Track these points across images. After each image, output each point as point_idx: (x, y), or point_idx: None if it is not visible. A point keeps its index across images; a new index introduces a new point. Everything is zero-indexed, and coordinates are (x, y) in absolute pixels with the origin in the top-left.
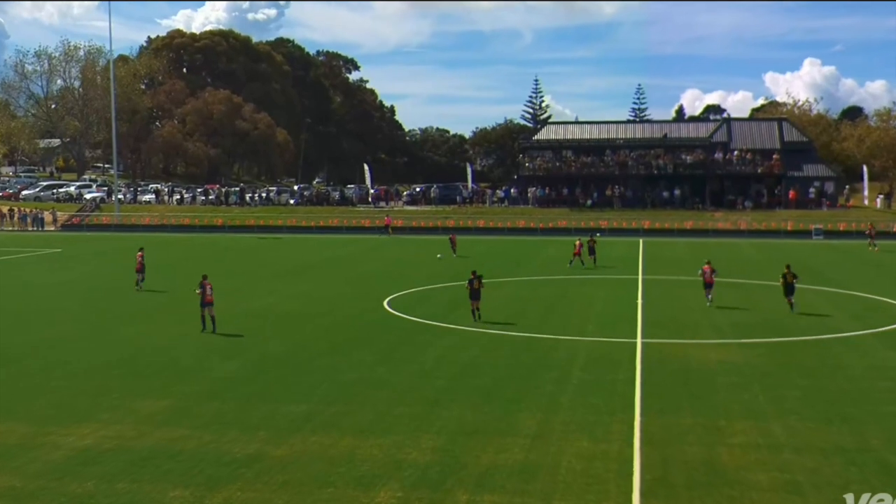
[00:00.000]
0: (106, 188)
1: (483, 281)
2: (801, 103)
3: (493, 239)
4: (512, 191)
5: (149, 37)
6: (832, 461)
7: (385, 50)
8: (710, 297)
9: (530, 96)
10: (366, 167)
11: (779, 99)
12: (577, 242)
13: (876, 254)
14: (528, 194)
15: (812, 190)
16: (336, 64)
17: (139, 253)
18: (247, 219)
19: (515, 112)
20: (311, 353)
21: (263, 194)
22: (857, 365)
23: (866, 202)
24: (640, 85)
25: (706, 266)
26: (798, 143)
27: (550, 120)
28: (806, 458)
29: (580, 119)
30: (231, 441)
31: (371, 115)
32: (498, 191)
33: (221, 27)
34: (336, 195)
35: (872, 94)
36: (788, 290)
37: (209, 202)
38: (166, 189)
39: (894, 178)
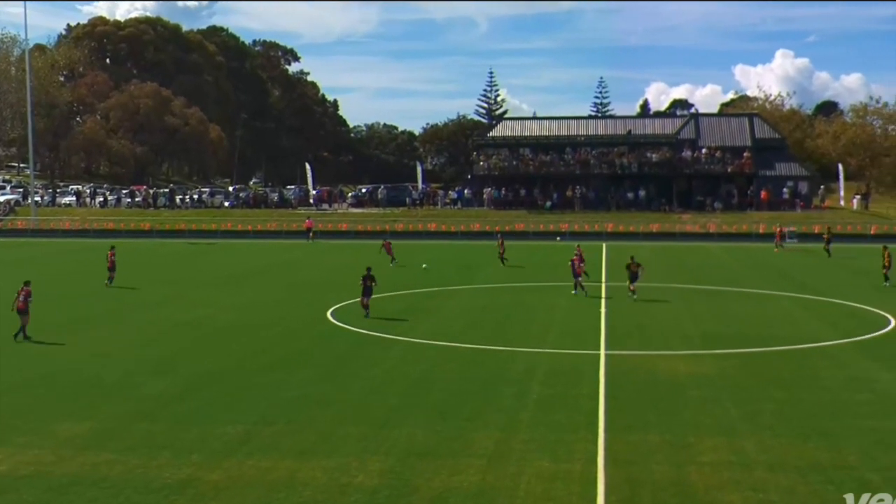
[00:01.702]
0: (21, 190)
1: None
2: (773, 98)
3: (446, 244)
4: (465, 192)
5: (68, 24)
6: (808, 479)
7: (328, 40)
8: (577, 290)
9: (485, 90)
10: (307, 166)
11: (749, 93)
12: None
13: (777, 254)
14: (483, 195)
15: (785, 190)
16: (274, 55)
17: (110, 251)
18: (177, 223)
19: (469, 107)
20: (249, 369)
21: (195, 196)
22: (835, 376)
23: (842, 203)
24: (602, 78)
25: (576, 255)
26: (770, 140)
27: (507, 115)
28: (780, 477)
29: (538, 114)
30: (161, 465)
31: (313, 110)
32: (450, 192)
33: (148, 14)
34: (275, 197)
35: (848, 87)
36: (632, 278)
37: (136, 205)
38: (88, 190)
39: (871, 178)
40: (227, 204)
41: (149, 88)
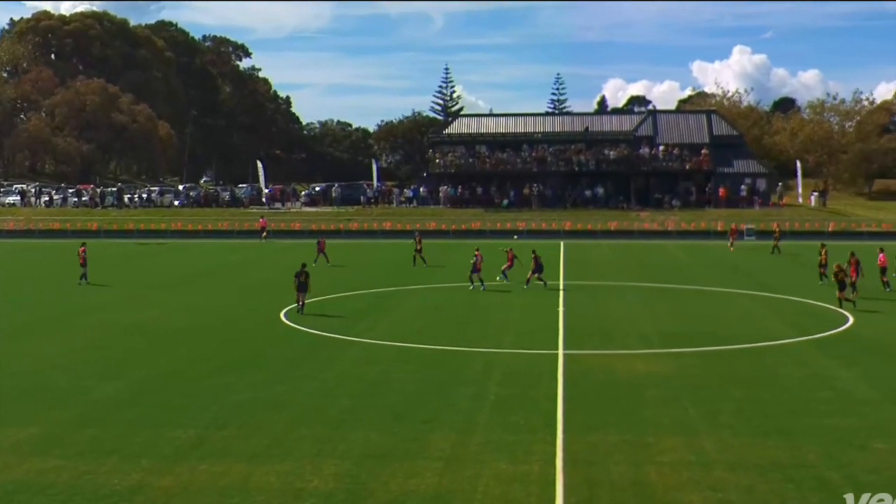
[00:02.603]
0: None
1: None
2: (730, 94)
3: (401, 242)
4: (421, 190)
5: (11, 19)
6: (768, 478)
7: (280, 35)
8: (475, 285)
9: (440, 86)
10: (259, 164)
11: (707, 90)
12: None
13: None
14: (439, 193)
15: (743, 187)
16: (225, 50)
17: (81, 248)
18: (125, 222)
19: (424, 104)
20: (200, 372)
21: (144, 195)
22: (794, 375)
23: (800, 200)
24: (559, 74)
25: (477, 252)
26: (728, 136)
27: (463, 112)
28: (740, 476)
29: (495, 111)
30: (109, 471)
31: (264, 106)
32: (406, 190)
33: (94, 8)
34: (226, 196)
35: (805, 84)
36: (539, 268)
37: (82, 204)
38: (33, 190)
39: (829, 175)
40: (176, 203)
41: (95, 85)
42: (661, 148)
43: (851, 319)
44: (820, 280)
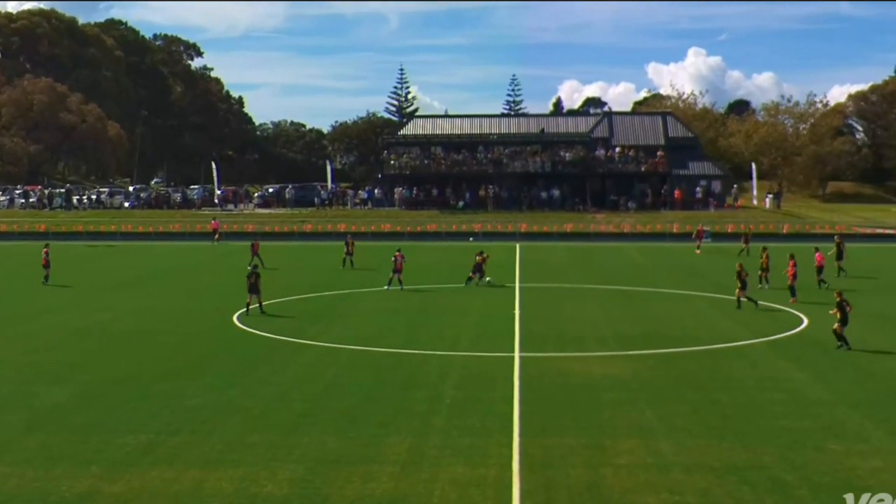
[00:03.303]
0: None
1: (260, 277)
2: (685, 96)
3: (356, 244)
4: (376, 191)
5: None
6: (724, 480)
7: (233, 34)
8: (390, 285)
9: (395, 87)
10: (212, 165)
11: (663, 91)
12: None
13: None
14: (394, 195)
15: (699, 189)
16: (176, 49)
17: (45, 249)
18: (74, 224)
19: (379, 104)
20: (151, 377)
21: (93, 196)
22: (749, 376)
23: (755, 202)
24: (514, 76)
25: (397, 253)
26: (683, 138)
27: (417, 113)
28: (697, 478)
29: (450, 112)
30: (58, 478)
31: (217, 107)
32: (360, 191)
33: (42, 6)
34: (177, 197)
35: (760, 86)
36: (477, 269)
37: (30, 206)
38: None
39: (783, 177)
40: (127, 204)
41: (43, 84)
42: (617, 150)
43: (805, 321)
44: (759, 283)
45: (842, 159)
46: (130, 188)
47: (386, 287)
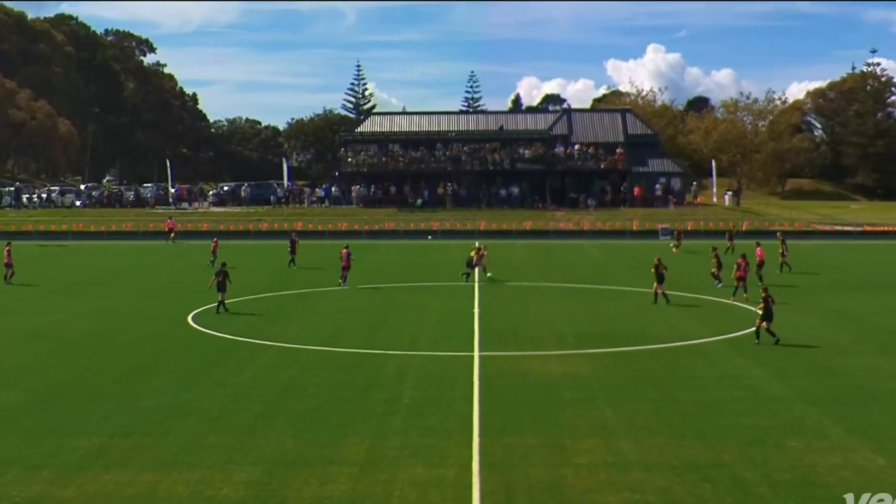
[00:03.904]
0: None
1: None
2: (645, 93)
3: (314, 243)
4: (333, 189)
5: None
6: (684, 479)
7: (187, 30)
8: (343, 282)
9: (352, 83)
10: (167, 163)
11: (622, 88)
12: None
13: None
14: (352, 193)
15: (658, 187)
16: (128, 45)
17: (7, 248)
18: (24, 223)
19: (336, 101)
20: (104, 379)
21: (44, 195)
22: (708, 374)
23: (715, 199)
24: (473, 72)
25: (344, 251)
26: (643, 136)
27: (375, 110)
28: (657, 477)
29: (408, 109)
30: (9, 483)
31: (170, 103)
32: (317, 189)
33: None
34: (130, 195)
35: (719, 83)
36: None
37: None
38: None
39: (742, 174)
40: (78, 203)
41: None
42: (577, 147)
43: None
44: (716, 283)
45: (800, 156)
46: (82, 186)
47: (341, 284)
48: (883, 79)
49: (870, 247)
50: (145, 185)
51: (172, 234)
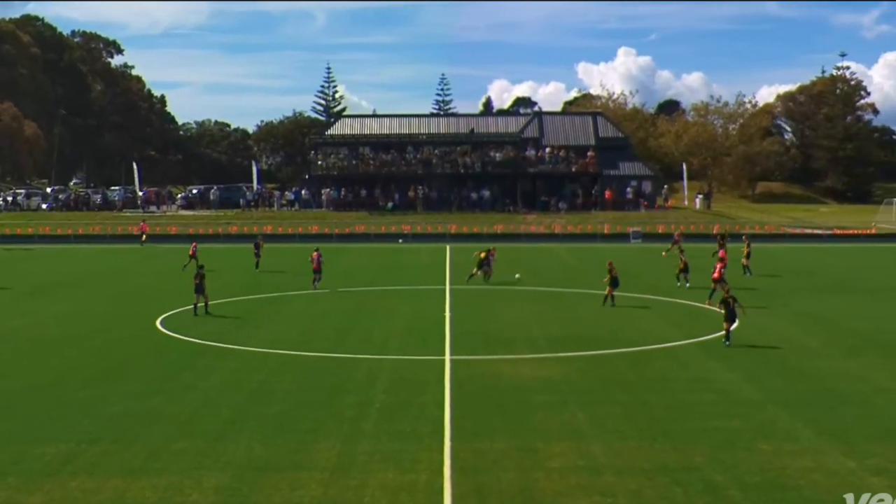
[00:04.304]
0: None
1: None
2: (616, 96)
3: (283, 247)
4: (303, 192)
5: None
6: (655, 482)
7: (155, 31)
8: (317, 284)
9: (322, 86)
10: (134, 166)
11: (593, 91)
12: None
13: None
14: (322, 196)
15: (629, 190)
16: (95, 47)
17: None
18: None
19: (306, 104)
20: (70, 384)
21: (9, 198)
22: (679, 377)
23: (686, 202)
24: (444, 75)
25: (315, 254)
26: (614, 139)
27: (345, 113)
28: (628, 480)
29: (378, 112)
30: None
31: (138, 106)
32: (287, 192)
33: None
34: (98, 198)
35: (689, 87)
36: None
37: None
38: None
39: (713, 177)
40: (44, 206)
41: None
42: (548, 150)
43: (736, 322)
44: (678, 282)
45: (771, 159)
46: (48, 189)
47: (314, 287)
48: (852, 82)
49: (839, 250)
50: (113, 188)
51: (143, 237)
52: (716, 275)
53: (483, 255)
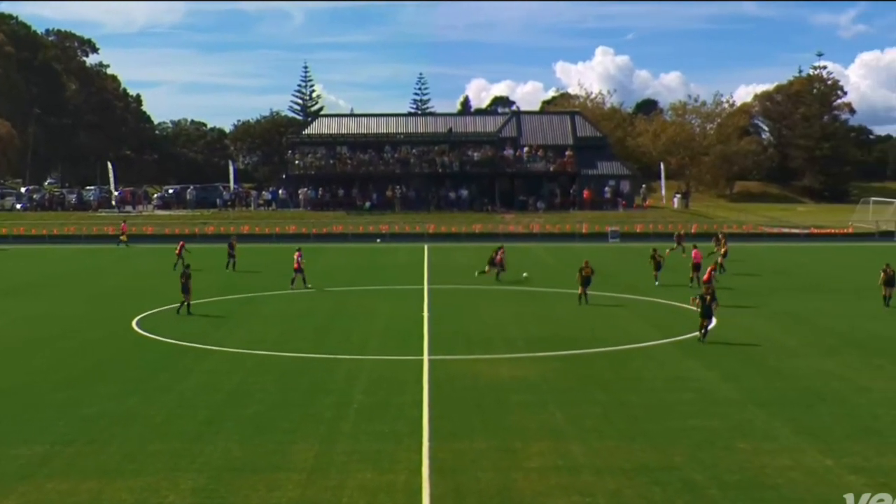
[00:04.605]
0: None
1: (191, 277)
2: (593, 96)
3: (261, 247)
4: (280, 192)
5: None
6: (634, 482)
7: (131, 30)
8: (297, 284)
9: (299, 85)
10: (109, 166)
11: (571, 91)
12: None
13: (681, 257)
14: (299, 196)
15: (607, 189)
16: (70, 45)
17: None
18: None
19: (283, 103)
20: (46, 386)
21: None
22: (657, 377)
23: (664, 202)
24: (422, 74)
25: (297, 253)
26: (592, 138)
27: (323, 112)
28: (607, 480)
29: (356, 111)
30: None
31: (113, 105)
32: (264, 192)
33: None
34: (73, 198)
35: (667, 86)
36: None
37: None
38: None
39: (691, 176)
40: (18, 206)
41: None
42: (526, 149)
43: (713, 321)
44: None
45: (748, 159)
46: (22, 189)
47: (292, 287)
48: (829, 82)
49: (816, 249)
50: (88, 187)
51: (123, 237)
52: (706, 276)
53: (494, 252)
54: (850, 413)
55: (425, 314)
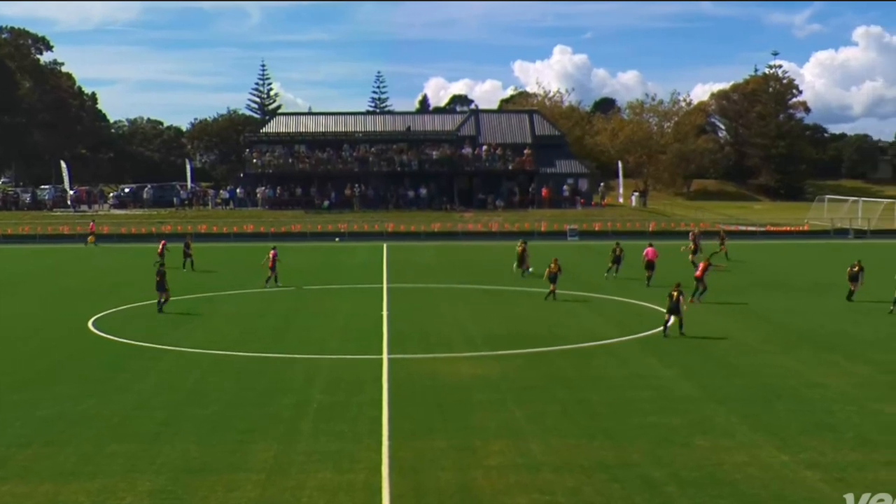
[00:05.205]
0: None
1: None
2: (552, 94)
3: (218, 246)
4: (238, 191)
5: None
6: (594, 479)
7: (86, 27)
8: (269, 283)
9: (257, 83)
10: (63, 165)
11: (529, 89)
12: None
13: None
14: (257, 195)
15: (566, 187)
16: (23, 43)
17: None
18: None
19: (240, 101)
20: (1, 387)
21: None
22: (618, 374)
23: (621, 200)
24: (380, 72)
25: (272, 252)
26: (550, 136)
27: (281, 110)
28: (566, 478)
29: (314, 110)
30: None
31: (68, 103)
32: (222, 191)
33: None
34: (27, 198)
35: (625, 85)
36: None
37: None
38: None
39: (648, 175)
40: None
41: None
42: (484, 148)
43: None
44: (607, 273)
45: (705, 157)
46: None
47: (266, 285)
48: (784, 81)
49: (773, 246)
50: (42, 187)
51: (91, 237)
52: (698, 273)
53: (521, 249)
54: (805, 409)
55: (384, 313)
